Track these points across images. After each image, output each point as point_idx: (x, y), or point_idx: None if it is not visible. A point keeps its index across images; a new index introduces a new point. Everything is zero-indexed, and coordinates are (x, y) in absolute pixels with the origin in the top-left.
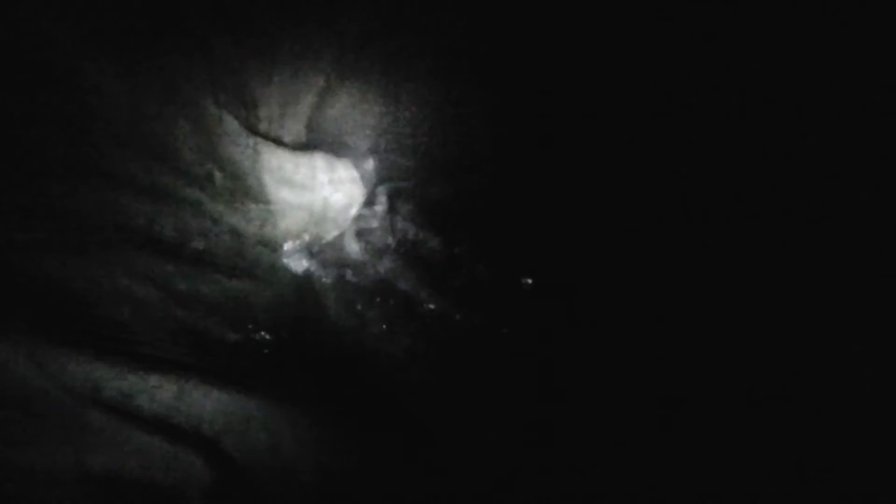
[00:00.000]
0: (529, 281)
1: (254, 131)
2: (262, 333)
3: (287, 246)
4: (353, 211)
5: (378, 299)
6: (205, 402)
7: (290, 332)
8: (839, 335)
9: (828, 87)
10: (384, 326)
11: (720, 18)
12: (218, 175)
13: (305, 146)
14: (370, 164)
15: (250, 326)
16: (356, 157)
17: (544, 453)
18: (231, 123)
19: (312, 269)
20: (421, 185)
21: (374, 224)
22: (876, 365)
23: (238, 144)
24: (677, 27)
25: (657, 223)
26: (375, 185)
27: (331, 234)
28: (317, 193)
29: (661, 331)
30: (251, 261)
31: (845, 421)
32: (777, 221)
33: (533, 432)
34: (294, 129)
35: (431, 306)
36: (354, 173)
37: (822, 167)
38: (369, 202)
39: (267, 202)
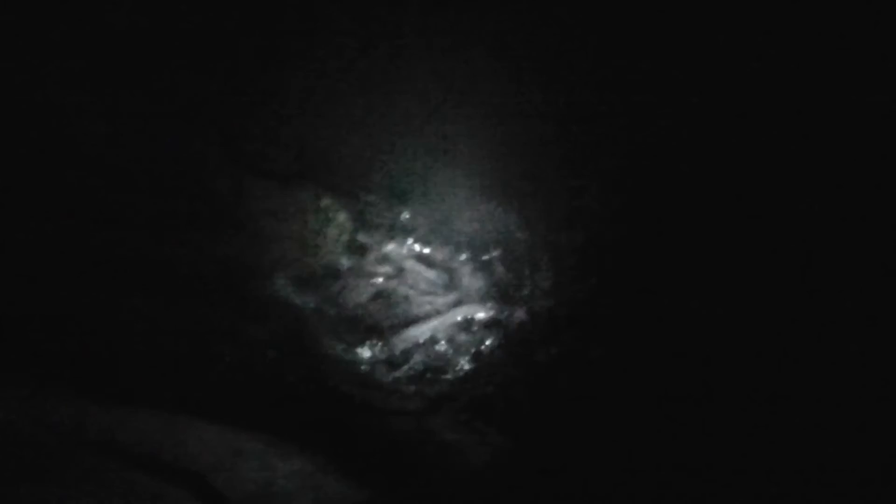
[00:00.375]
0: (528, 286)
1: (239, 160)
2: (250, 365)
3: (275, 276)
4: (343, 239)
5: (370, 327)
6: (192, 437)
7: (277, 363)
8: (839, 335)
9: (828, 88)
10: (376, 353)
11: (719, 18)
12: (203, 204)
13: (292, 175)
14: (359, 192)
15: (237, 358)
16: (344, 186)
17: (544, 453)
18: (215, 152)
19: (301, 299)
20: (411, 210)
21: (365, 252)
22: (876, 365)
23: (223, 174)
24: (678, 28)
25: (656, 223)
26: (364, 214)
27: (319, 264)
28: (304, 223)
29: (661, 331)
30: (239, 292)
31: (845, 421)
32: (777, 221)
33: (533, 433)
34: (281, 157)
35: (425, 327)
36: (342, 202)
37: (822, 167)
38: (359, 231)
39: (254, 232)
